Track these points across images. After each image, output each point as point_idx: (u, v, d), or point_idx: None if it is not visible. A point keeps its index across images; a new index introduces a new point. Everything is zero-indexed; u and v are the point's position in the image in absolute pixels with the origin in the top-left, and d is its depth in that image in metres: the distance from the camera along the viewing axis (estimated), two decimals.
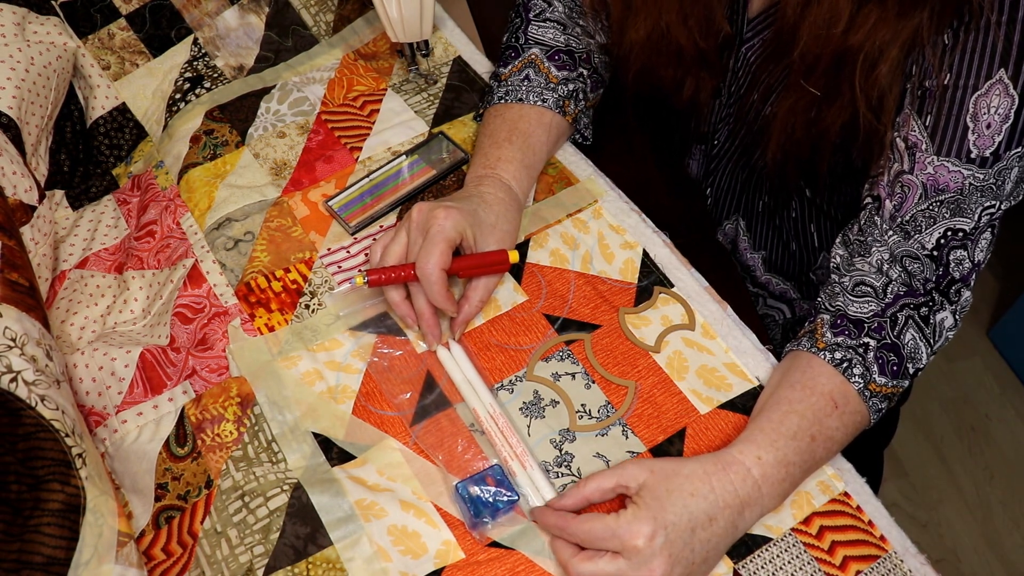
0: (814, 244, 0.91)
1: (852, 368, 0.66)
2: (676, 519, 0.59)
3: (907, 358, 0.67)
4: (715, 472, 0.61)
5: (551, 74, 0.83)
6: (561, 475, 0.66)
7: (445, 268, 0.68)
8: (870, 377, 0.66)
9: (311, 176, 0.85)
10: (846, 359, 0.66)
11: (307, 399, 0.70)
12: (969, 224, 0.67)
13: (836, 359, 0.66)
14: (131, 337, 0.75)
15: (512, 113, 0.81)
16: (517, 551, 0.63)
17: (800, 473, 0.64)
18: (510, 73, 0.84)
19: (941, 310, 0.69)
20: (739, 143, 0.88)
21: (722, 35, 0.77)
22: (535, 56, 0.84)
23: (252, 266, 0.78)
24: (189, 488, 0.66)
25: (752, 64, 0.80)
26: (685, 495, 0.60)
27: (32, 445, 0.59)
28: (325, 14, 0.98)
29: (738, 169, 0.90)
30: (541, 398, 0.70)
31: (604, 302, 0.75)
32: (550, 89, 0.82)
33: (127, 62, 0.95)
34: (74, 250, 0.84)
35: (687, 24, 0.76)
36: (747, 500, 0.61)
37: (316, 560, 0.62)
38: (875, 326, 0.67)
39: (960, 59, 0.64)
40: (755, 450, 0.62)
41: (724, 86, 0.83)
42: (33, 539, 0.57)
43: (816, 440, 0.64)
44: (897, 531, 0.64)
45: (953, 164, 0.66)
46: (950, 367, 1.74)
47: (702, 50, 0.78)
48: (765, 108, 0.79)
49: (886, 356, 0.66)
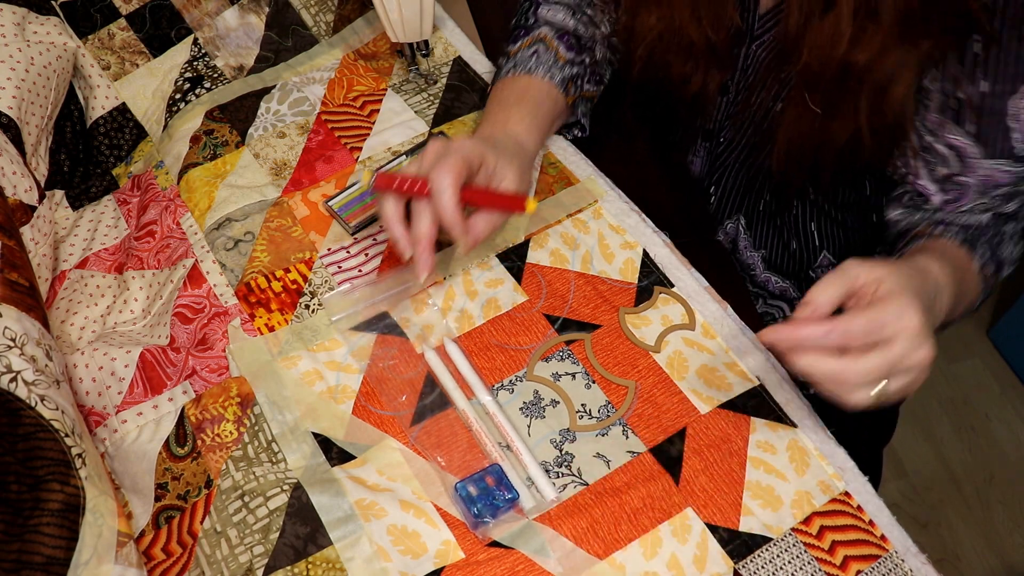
0: (814, 243, 0.91)
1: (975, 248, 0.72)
2: (925, 297, 0.60)
3: (1004, 260, 0.75)
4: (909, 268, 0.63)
5: (560, 52, 0.83)
6: (561, 475, 0.66)
7: (459, 184, 0.66)
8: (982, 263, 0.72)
9: (311, 176, 0.85)
10: (969, 240, 0.72)
11: (307, 399, 0.70)
12: (1014, 207, 0.73)
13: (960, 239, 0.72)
14: (131, 337, 0.75)
15: (520, 83, 0.82)
16: (517, 551, 0.63)
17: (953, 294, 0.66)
18: (519, 49, 0.84)
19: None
20: (745, 142, 0.87)
21: (732, 29, 0.77)
22: (545, 34, 0.84)
23: (252, 266, 0.78)
24: (189, 488, 0.66)
25: (761, 61, 0.80)
26: (916, 276, 0.61)
27: (32, 445, 0.59)
28: (325, 14, 0.98)
29: (743, 168, 0.90)
30: (541, 398, 0.70)
31: (604, 302, 0.75)
32: (558, 67, 0.82)
33: (127, 62, 0.95)
34: (74, 250, 0.84)
35: (698, 17, 0.76)
36: (940, 284, 0.64)
37: (316, 560, 0.62)
38: (987, 237, 0.73)
39: (993, 68, 0.65)
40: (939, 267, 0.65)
41: (731, 82, 0.83)
42: (33, 539, 0.57)
43: (963, 282, 0.69)
44: (898, 530, 0.64)
45: (1006, 165, 0.69)
46: (950, 367, 1.74)
47: (712, 44, 0.77)
48: (775, 106, 0.79)
49: (991, 251, 0.73)
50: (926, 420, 1.68)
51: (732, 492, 0.65)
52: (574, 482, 0.66)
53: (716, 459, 0.67)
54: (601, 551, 0.63)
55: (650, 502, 0.65)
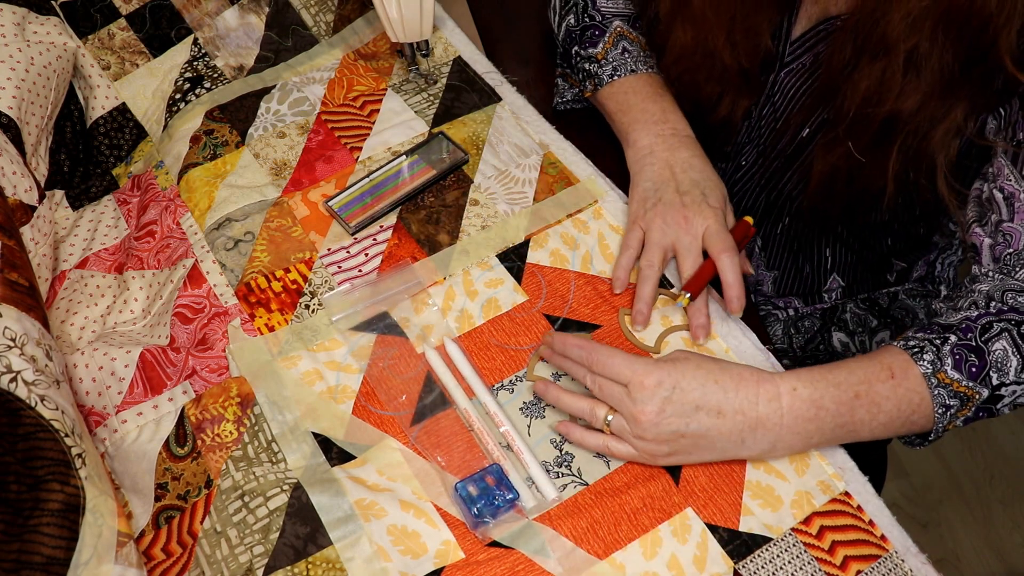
0: (827, 267, 0.92)
1: (923, 354, 0.62)
2: (688, 388, 0.61)
3: (991, 364, 0.62)
4: (748, 379, 0.62)
5: (641, 42, 0.84)
6: (561, 475, 0.66)
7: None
8: (940, 366, 0.62)
9: (311, 176, 0.85)
10: (918, 346, 0.63)
11: (307, 399, 0.70)
12: None
13: (909, 345, 0.63)
14: (131, 337, 0.75)
15: (639, 80, 0.82)
16: (517, 551, 0.63)
17: (831, 424, 0.61)
18: (605, 51, 0.84)
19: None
20: (768, 167, 0.87)
21: (763, 55, 0.77)
22: (621, 28, 0.84)
23: (252, 266, 0.78)
24: (189, 488, 0.66)
25: (789, 89, 0.80)
26: (709, 379, 0.61)
27: (32, 445, 0.59)
28: (325, 14, 0.98)
29: (763, 192, 0.89)
30: (541, 398, 0.70)
31: (604, 302, 0.75)
32: (649, 56, 0.83)
33: (127, 62, 0.95)
34: (74, 250, 0.84)
35: (733, 41, 0.76)
36: (764, 420, 0.61)
37: (316, 560, 0.62)
38: (963, 327, 0.64)
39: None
40: (793, 381, 0.62)
41: (756, 107, 0.83)
42: (33, 539, 0.57)
43: (860, 399, 0.61)
44: (898, 530, 0.64)
45: None
46: None
47: (745, 69, 0.77)
48: (802, 133, 0.79)
49: (965, 354, 0.62)
50: None
51: (732, 492, 0.65)
52: (574, 482, 0.66)
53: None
54: (601, 551, 0.63)
55: (650, 502, 0.65)
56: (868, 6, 0.65)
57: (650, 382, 0.61)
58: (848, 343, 0.94)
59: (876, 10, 0.65)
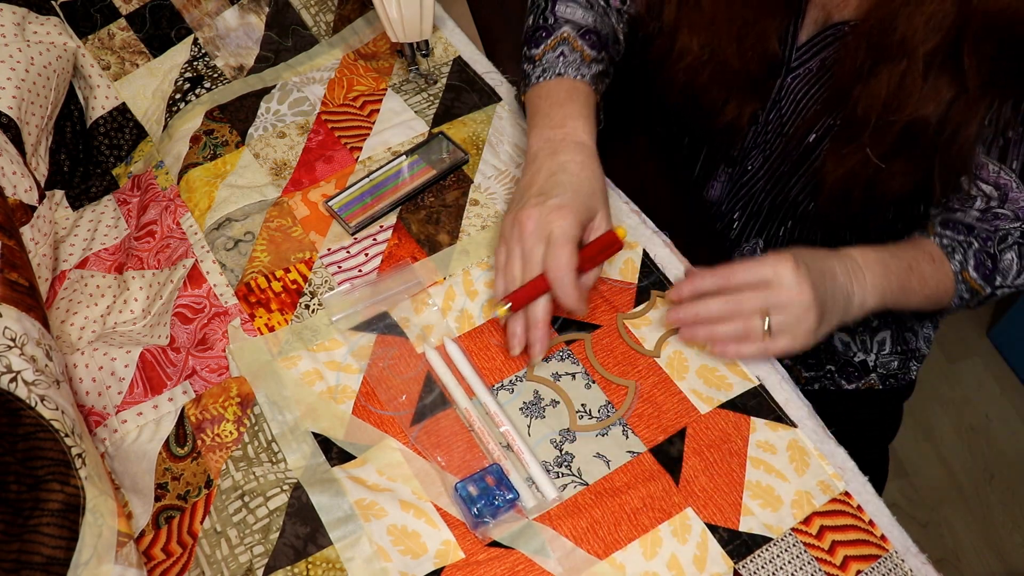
0: None
1: (954, 253, 0.75)
2: (809, 261, 0.68)
3: (998, 270, 0.75)
4: (825, 251, 0.71)
5: (585, 52, 0.82)
6: (561, 475, 0.66)
7: (575, 272, 0.68)
8: (966, 266, 0.75)
9: (311, 176, 0.85)
10: (950, 246, 0.76)
11: (307, 399, 0.70)
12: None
13: (943, 244, 0.76)
14: (131, 337, 0.75)
15: (561, 84, 0.80)
16: (517, 551, 0.63)
17: (896, 284, 0.72)
18: (543, 52, 0.82)
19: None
20: (774, 171, 0.86)
21: (770, 60, 0.77)
22: (567, 34, 0.83)
23: (252, 266, 0.78)
24: (189, 488, 0.66)
25: (796, 94, 0.79)
26: (809, 255, 0.69)
27: (32, 445, 0.59)
28: (325, 14, 0.98)
29: (768, 196, 0.89)
30: (541, 398, 0.70)
31: (604, 302, 0.75)
32: (586, 66, 0.81)
33: (127, 62, 0.95)
34: (74, 250, 0.84)
35: (742, 46, 0.75)
36: (852, 275, 0.70)
37: (316, 560, 0.62)
38: (983, 234, 0.76)
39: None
40: (860, 250, 0.72)
41: (762, 112, 0.83)
42: (33, 539, 0.57)
43: (912, 270, 0.73)
44: (898, 530, 0.64)
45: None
46: (950, 367, 1.74)
47: (751, 74, 0.77)
48: (808, 138, 0.79)
49: (983, 259, 0.75)
50: (926, 420, 1.68)
51: (732, 492, 0.65)
52: (574, 482, 0.66)
53: (716, 459, 0.67)
54: (601, 551, 0.63)
55: (650, 502, 0.65)
56: (883, 11, 0.65)
57: (790, 264, 0.66)
58: (849, 343, 0.94)
59: (894, 15, 0.65)
